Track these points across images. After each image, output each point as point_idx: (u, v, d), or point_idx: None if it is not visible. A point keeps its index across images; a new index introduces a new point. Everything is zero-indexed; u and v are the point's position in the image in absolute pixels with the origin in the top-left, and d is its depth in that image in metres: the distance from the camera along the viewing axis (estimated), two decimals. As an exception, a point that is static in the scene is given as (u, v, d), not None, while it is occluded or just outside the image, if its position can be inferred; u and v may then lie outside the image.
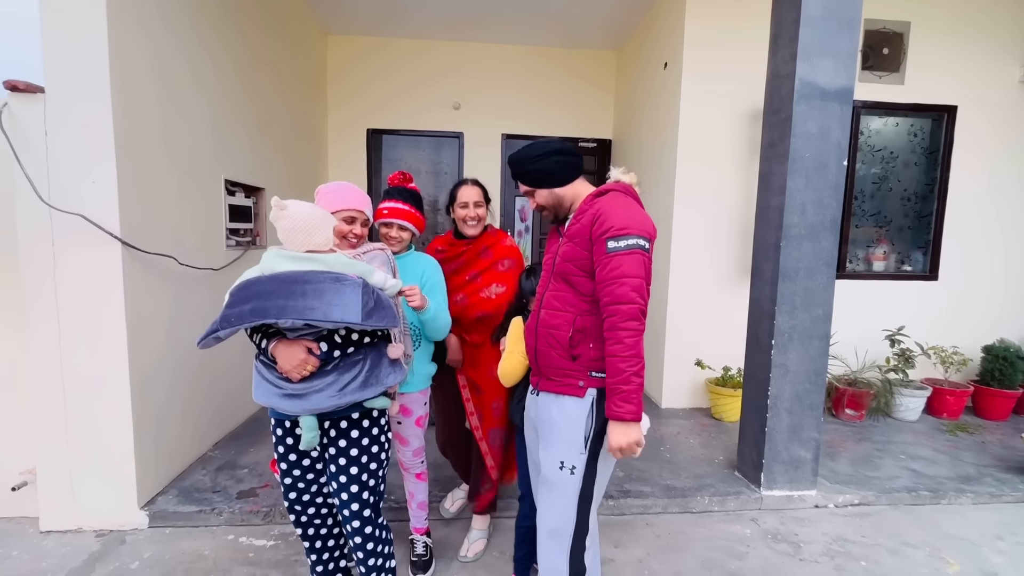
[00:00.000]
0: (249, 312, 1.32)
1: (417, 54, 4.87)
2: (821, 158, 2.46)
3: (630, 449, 1.37)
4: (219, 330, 1.36)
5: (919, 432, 3.49)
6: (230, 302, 1.38)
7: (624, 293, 1.34)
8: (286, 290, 1.33)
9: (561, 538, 1.50)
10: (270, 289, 1.34)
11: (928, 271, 4.08)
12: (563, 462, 1.48)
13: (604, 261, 1.38)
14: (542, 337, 1.53)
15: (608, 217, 1.39)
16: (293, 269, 1.38)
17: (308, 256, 1.42)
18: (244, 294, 1.36)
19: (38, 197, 2.04)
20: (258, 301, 1.33)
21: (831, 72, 2.43)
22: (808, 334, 2.54)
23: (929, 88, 3.86)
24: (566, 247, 1.51)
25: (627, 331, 1.34)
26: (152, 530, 2.29)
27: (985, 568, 2.17)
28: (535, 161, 1.55)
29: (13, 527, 2.30)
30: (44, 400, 2.19)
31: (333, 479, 1.54)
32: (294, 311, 1.30)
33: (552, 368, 1.51)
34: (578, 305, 1.48)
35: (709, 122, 3.64)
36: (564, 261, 1.50)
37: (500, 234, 2.19)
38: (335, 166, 4.93)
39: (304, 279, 1.35)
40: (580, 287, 1.48)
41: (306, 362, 1.39)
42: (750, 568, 2.14)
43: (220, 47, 2.94)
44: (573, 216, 1.54)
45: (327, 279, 1.36)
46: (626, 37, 4.72)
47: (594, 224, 1.42)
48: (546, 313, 1.53)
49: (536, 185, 1.57)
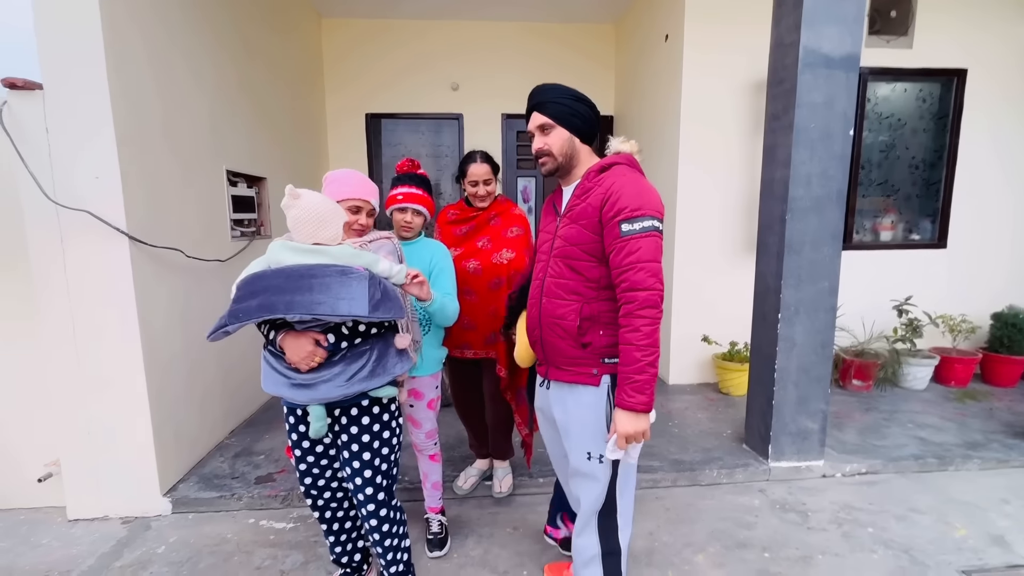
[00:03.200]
0: (256, 307, 1.33)
1: (413, 35, 4.79)
2: (827, 128, 2.42)
3: (636, 438, 1.35)
4: (227, 325, 1.38)
5: (927, 401, 3.51)
6: (237, 296, 1.39)
7: (642, 279, 1.29)
8: (293, 285, 1.34)
9: (593, 521, 1.51)
10: (277, 284, 1.35)
11: (936, 239, 4.04)
12: (590, 453, 1.47)
13: (619, 245, 1.31)
14: (547, 327, 1.47)
15: (620, 196, 1.32)
16: (299, 262, 1.39)
17: (314, 248, 1.42)
18: (251, 288, 1.38)
19: (44, 195, 2.06)
20: (265, 296, 1.34)
21: (836, 39, 2.37)
22: (814, 307, 2.53)
23: (938, 52, 3.77)
24: (569, 229, 1.43)
25: (644, 319, 1.29)
26: (176, 516, 2.36)
27: (991, 531, 2.20)
28: (568, 98, 1.43)
29: (42, 516, 2.38)
30: (63, 394, 2.24)
31: (347, 465, 1.58)
32: (301, 306, 1.31)
33: (562, 358, 1.47)
34: (584, 292, 1.41)
35: (712, 95, 3.57)
36: (567, 244, 1.43)
37: (508, 203, 2.28)
38: (335, 152, 4.90)
39: (311, 273, 1.35)
40: (586, 272, 1.40)
41: (314, 354, 1.41)
42: (758, 537, 2.19)
43: (214, 36, 2.90)
44: (574, 193, 1.46)
45: (333, 273, 1.36)
46: (624, 9, 4.61)
47: (604, 205, 1.34)
48: (549, 302, 1.47)
49: (560, 121, 1.43)
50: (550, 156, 1.46)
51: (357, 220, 1.62)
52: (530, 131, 1.50)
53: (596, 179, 1.40)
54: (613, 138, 1.50)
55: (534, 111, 1.47)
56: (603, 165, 1.43)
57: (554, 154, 1.45)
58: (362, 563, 1.87)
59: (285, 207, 1.42)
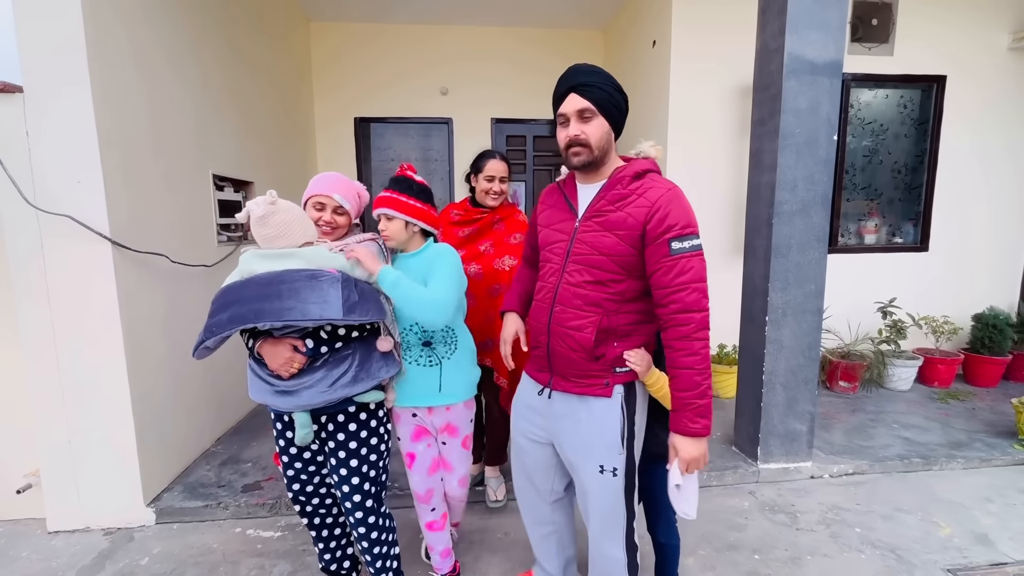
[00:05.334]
0: (227, 320, 1.34)
1: (402, 40, 4.78)
2: (811, 134, 2.46)
3: (699, 463, 1.29)
4: (205, 340, 1.37)
5: (911, 401, 3.56)
6: (211, 311, 1.39)
7: (696, 300, 1.24)
8: (261, 293, 1.33)
9: (617, 532, 1.46)
10: (246, 295, 1.35)
11: (919, 242, 4.11)
12: (603, 466, 1.40)
13: (669, 264, 1.24)
14: (558, 336, 1.38)
15: (669, 211, 1.24)
16: (270, 269, 1.38)
17: (284, 252, 1.41)
18: (222, 301, 1.38)
19: (23, 199, 2.02)
20: (235, 308, 1.33)
21: (820, 45, 2.41)
22: (801, 309, 2.56)
23: (918, 58, 3.85)
24: (599, 237, 1.32)
25: (701, 341, 1.25)
26: (160, 526, 2.32)
27: (975, 530, 2.24)
28: (611, 87, 1.29)
29: (21, 528, 2.32)
30: (43, 402, 2.19)
31: (334, 472, 1.56)
32: (270, 314, 1.31)
33: (571, 369, 1.39)
34: (605, 305, 1.33)
35: (699, 100, 3.61)
36: (596, 253, 1.32)
37: (513, 208, 2.26)
38: (323, 155, 4.87)
39: (279, 279, 1.34)
40: (613, 285, 1.32)
41: (292, 360, 1.40)
42: (749, 539, 2.20)
43: (201, 38, 2.87)
44: (603, 196, 1.33)
45: (302, 277, 1.35)
46: (612, 16, 4.66)
47: (650, 219, 1.25)
48: (563, 311, 1.37)
49: (602, 110, 1.28)
50: (586, 148, 1.30)
51: (320, 217, 1.56)
52: (565, 115, 1.31)
53: (632, 186, 1.31)
54: (644, 140, 1.43)
55: (572, 92, 1.29)
56: (637, 171, 1.33)
57: (591, 146, 1.30)
58: (351, 571, 1.85)
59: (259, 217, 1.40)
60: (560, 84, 1.34)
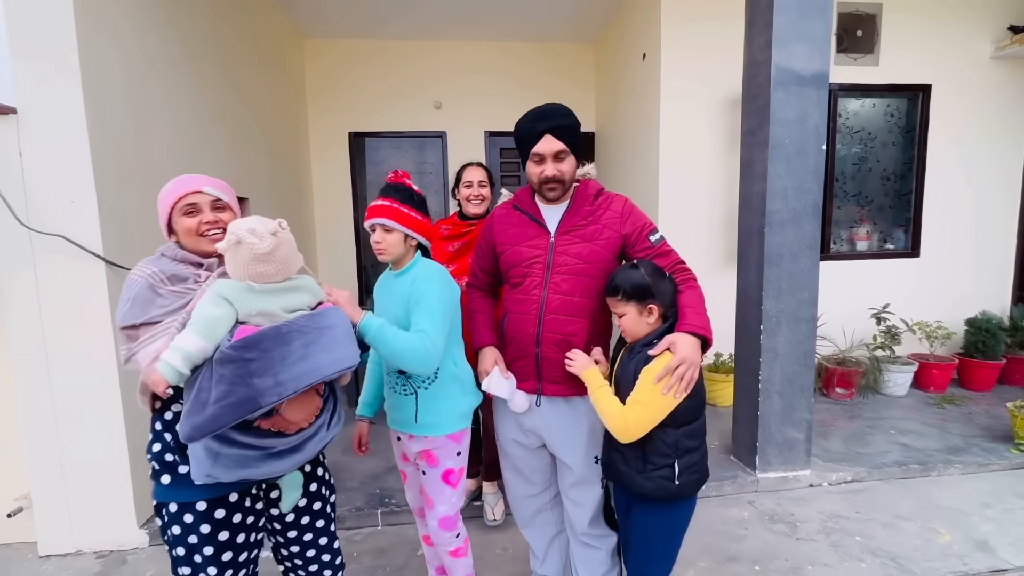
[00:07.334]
0: (274, 389, 1.04)
1: (396, 55, 4.83)
2: (800, 143, 2.49)
3: (691, 362, 1.29)
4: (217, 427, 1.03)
5: (907, 407, 3.57)
6: (220, 391, 1.03)
7: (679, 257, 1.51)
8: (295, 352, 1.08)
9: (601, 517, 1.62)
10: (278, 355, 1.06)
11: (910, 248, 4.15)
12: (597, 456, 1.54)
13: (652, 252, 1.48)
14: (549, 344, 1.47)
15: (637, 215, 1.52)
16: (285, 306, 1.16)
17: (291, 286, 1.19)
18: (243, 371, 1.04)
19: (16, 219, 2.01)
20: (249, 382, 1.02)
21: (806, 57, 2.45)
22: (795, 317, 2.58)
23: (903, 68, 3.92)
24: (582, 247, 1.47)
25: (696, 280, 1.50)
26: (153, 548, 2.28)
27: (975, 536, 2.23)
28: (576, 124, 1.48)
29: (12, 553, 2.28)
30: (35, 423, 2.16)
31: (306, 546, 1.35)
32: (310, 375, 1.08)
33: (560, 373, 1.48)
34: (593, 310, 1.48)
35: (690, 111, 3.66)
36: (582, 262, 1.46)
37: None
38: (318, 170, 4.89)
39: (299, 329, 1.11)
40: (596, 289, 1.46)
41: (319, 406, 1.19)
42: (749, 550, 2.18)
43: (194, 56, 2.89)
44: (574, 212, 1.51)
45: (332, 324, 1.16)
46: (602, 30, 4.72)
47: (625, 224, 1.49)
48: (554, 319, 1.47)
49: (573, 149, 1.47)
50: (562, 184, 1.48)
51: (201, 221, 1.24)
52: (541, 154, 1.45)
53: (597, 203, 1.52)
54: (588, 164, 1.59)
55: (548, 134, 1.43)
56: (596, 191, 1.55)
57: (566, 182, 1.48)
58: None
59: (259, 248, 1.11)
60: (536, 123, 1.45)
